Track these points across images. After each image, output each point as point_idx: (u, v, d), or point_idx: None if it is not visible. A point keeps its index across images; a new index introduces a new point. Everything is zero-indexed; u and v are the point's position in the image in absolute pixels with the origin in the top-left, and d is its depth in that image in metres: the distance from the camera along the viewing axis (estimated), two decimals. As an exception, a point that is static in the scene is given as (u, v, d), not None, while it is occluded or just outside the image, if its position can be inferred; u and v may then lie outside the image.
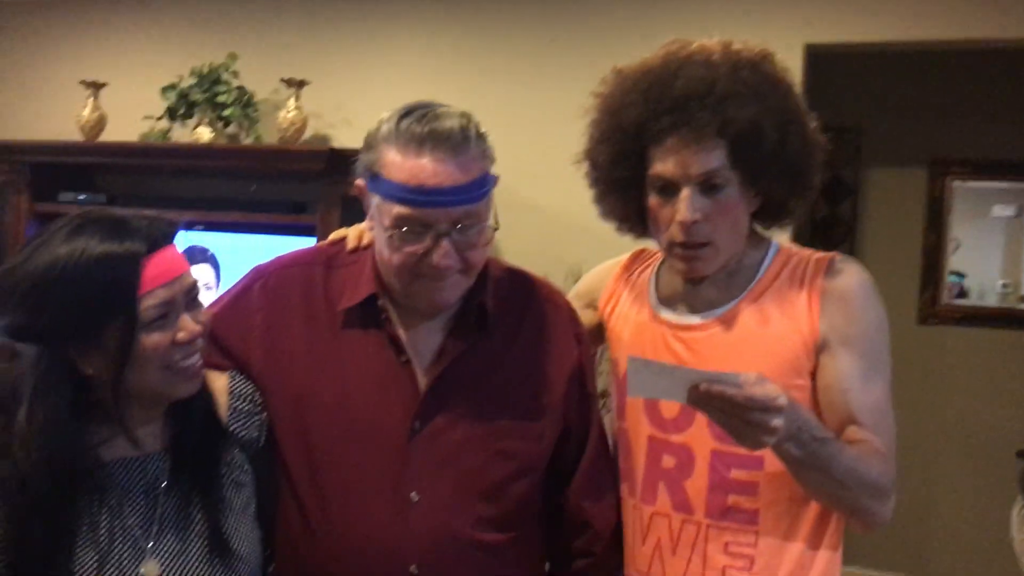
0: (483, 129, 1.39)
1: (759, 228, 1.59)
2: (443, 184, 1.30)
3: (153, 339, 1.21)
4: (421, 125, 1.31)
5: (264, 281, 1.51)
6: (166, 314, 1.23)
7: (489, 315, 1.46)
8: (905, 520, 4.26)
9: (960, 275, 4.53)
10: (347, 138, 4.00)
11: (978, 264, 4.55)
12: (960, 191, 4.47)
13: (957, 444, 4.40)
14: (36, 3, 4.69)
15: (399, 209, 1.31)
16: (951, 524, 4.42)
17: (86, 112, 4.24)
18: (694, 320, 1.51)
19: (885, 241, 4.54)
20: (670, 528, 1.49)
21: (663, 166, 1.44)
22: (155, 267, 1.21)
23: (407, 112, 1.35)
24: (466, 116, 1.36)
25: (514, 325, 1.49)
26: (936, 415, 4.41)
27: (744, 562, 1.44)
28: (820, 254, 1.52)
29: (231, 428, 1.39)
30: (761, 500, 1.44)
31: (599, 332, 1.72)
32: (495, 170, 1.41)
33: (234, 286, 1.54)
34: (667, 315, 1.55)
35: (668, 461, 1.49)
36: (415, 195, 1.30)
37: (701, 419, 1.44)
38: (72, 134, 4.30)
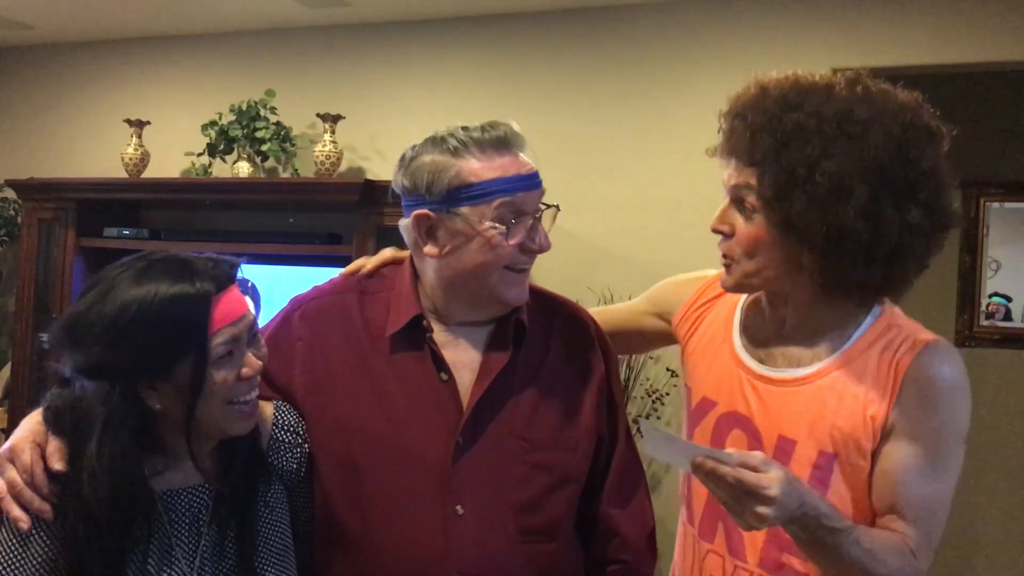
0: None
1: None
2: (530, 171, 1.46)
3: (221, 375, 1.26)
4: (489, 132, 1.45)
5: (303, 310, 1.55)
6: (232, 351, 1.27)
7: (526, 330, 1.50)
8: (947, 544, 4.20)
9: (1007, 298, 4.48)
10: (381, 170, 4.08)
11: (1020, 285, 4.49)
12: (996, 212, 4.43)
13: (998, 465, 4.33)
14: (81, 46, 4.85)
15: (503, 200, 1.41)
16: (994, 547, 4.34)
17: (130, 150, 4.36)
18: (774, 373, 1.47)
19: (920, 263, 4.49)
20: (723, 569, 1.49)
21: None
22: (224, 306, 1.26)
23: (451, 133, 1.45)
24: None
25: (544, 341, 1.54)
26: (975, 437, 4.34)
27: None
28: (922, 334, 1.42)
29: (271, 458, 1.42)
30: (811, 567, 1.41)
31: (664, 339, 1.73)
32: None
33: (274, 318, 1.59)
34: (748, 360, 1.51)
35: None
36: (517, 183, 1.43)
37: None
38: (117, 171, 4.43)
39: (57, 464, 1.21)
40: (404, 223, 1.48)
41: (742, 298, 1.59)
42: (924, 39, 3.45)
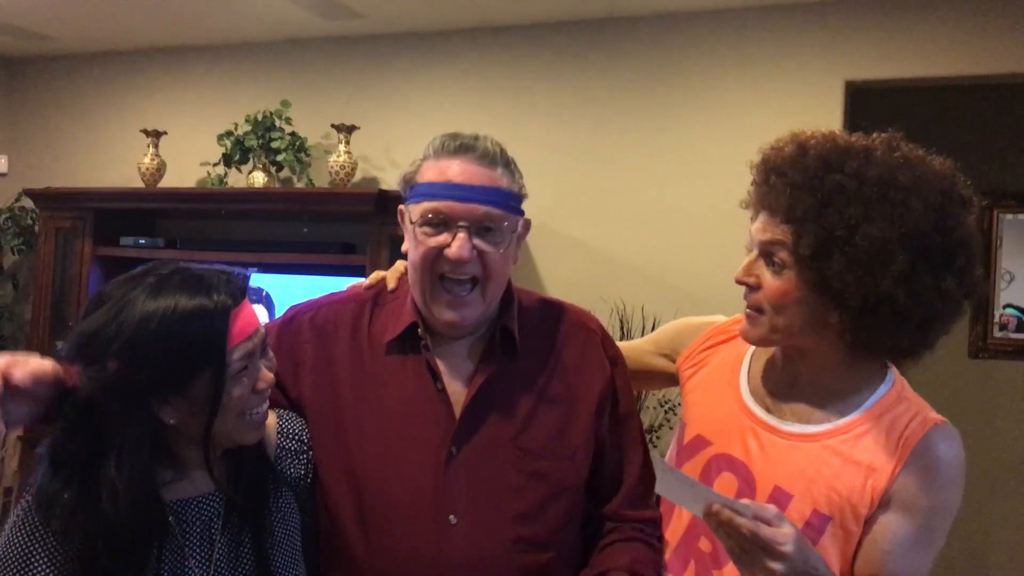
0: (522, 165, 1.51)
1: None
2: (469, 182, 1.43)
3: (238, 391, 1.27)
4: (455, 140, 1.47)
5: (313, 314, 1.57)
6: (247, 365, 1.28)
7: (515, 339, 1.51)
8: (960, 555, 4.18)
9: (1019, 309, 4.46)
10: (395, 180, 4.06)
11: (1035, 297, 4.48)
12: (1010, 224, 4.42)
13: (1010, 477, 4.30)
14: (99, 57, 4.90)
15: (427, 204, 1.43)
16: (1008, 561, 4.32)
17: (146, 160, 4.40)
18: (782, 426, 1.46)
19: (934, 275, 4.48)
20: None
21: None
22: (240, 321, 1.26)
23: (434, 138, 1.50)
24: (499, 144, 1.49)
25: (546, 350, 1.54)
26: (988, 449, 4.33)
27: None
28: (930, 413, 1.43)
29: (279, 467, 1.43)
30: None
31: (665, 380, 1.73)
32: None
33: (280, 317, 1.60)
34: (755, 408, 1.50)
35: (705, 544, 1.48)
36: (443, 190, 1.43)
37: None
38: (133, 181, 4.47)
39: (44, 366, 1.21)
40: None
41: (752, 347, 1.58)
42: (938, 51, 3.45)
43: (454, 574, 1.40)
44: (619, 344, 1.75)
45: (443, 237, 1.42)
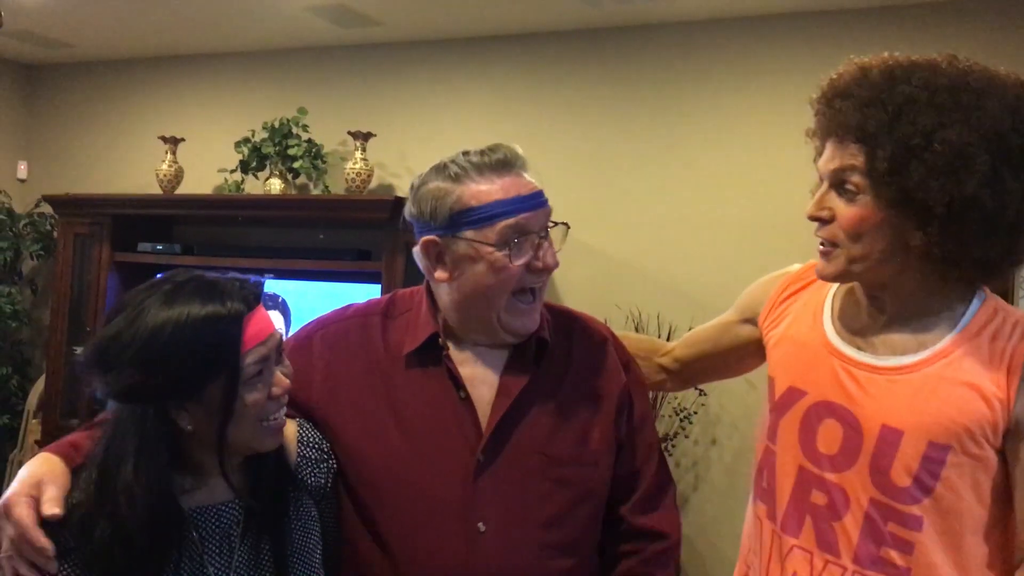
0: (538, 173, 1.51)
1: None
2: (532, 191, 1.45)
3: (253, 395, 1.27)
4: (489, 155, 1.45)
5: (324, 332, 1.57)
6: (262, 371, 1.28)
7: (548, 347, 1.51)
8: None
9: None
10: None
11: (1052, 307, 4.44)
12: (1029, 233, 4.39)
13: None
14: (117, 64, 4.94)
15: (506, 222, 1.41)
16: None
17: (164, 166, 4.43)
18: (877, 361, 1.40)
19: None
20: (811, 565, 1.42)
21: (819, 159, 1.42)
22: (253, 326, 1.27)
23: (453, 159, 1.47)
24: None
25: (563, 356, 1.54)
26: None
27: None
28: None
29: (300, 475, 1.43)
30: (915, 560, 1.35)
31: (756, 352, 1.65)
32: (555, 216, 1.50)
33: (293, 336, 1.61)
34: (845, 349, 1.44)
35: (819, 497, 1.42)
36: (519, 204, 1.42)
37: (863, 464, 1.37)
38: (151, 187, 4.50)
39: (53, 509, 1.19)
40: (416, 249, 1.50)
41: (833, 286, 1.52)
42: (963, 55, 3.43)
43: None
44: (701, 326, 1.74)
45: (527, 253, 1.43)
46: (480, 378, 1.49)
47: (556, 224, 1.48)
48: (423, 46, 4.26)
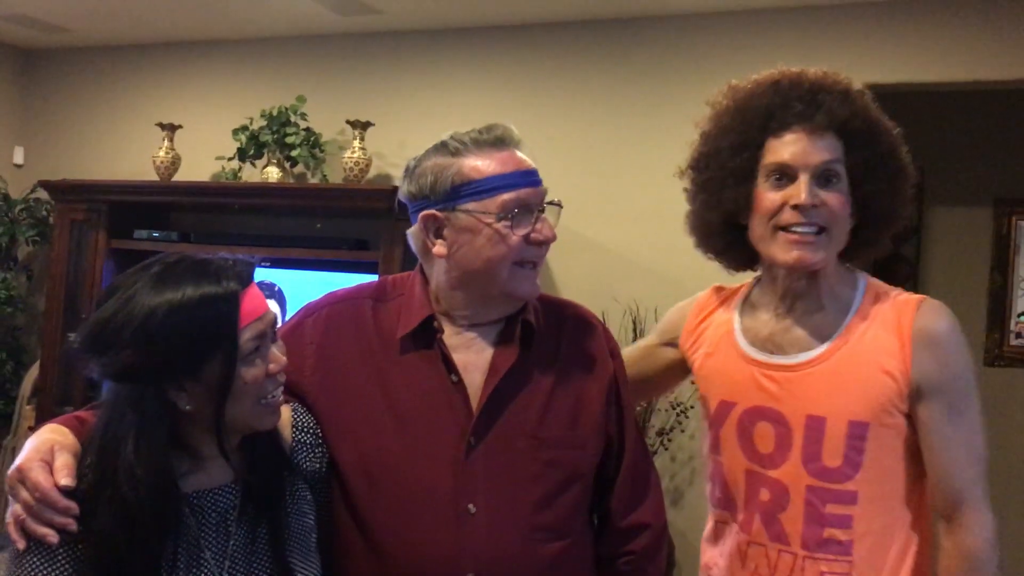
0: (536, 164, 1.53)
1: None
2: (530, 167, 1.49)
3: (251, 372, 1.28)
4: (487, 133, 1.49)
5: (316, 316, 1.58)
6: (259, 347, 1.29)
7: (535, 331, 1.53)
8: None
9: (1035, 317, 4.42)
10: (409, 178, 4.09)
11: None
12: (1028, 231, 4.39)
13: (1027, 489, 4.27)
14: (115, 50, 4.91)
15: (507, 195, 1.44)
16: (1021, 569, 4.28)
17: (161, 153, 4.41)
18: (787, 360, 1.55)
19: (950, 281, 4.45)
20: (767, 557, 1.55)
21: (783, 154, 1.51)
22: (248, 303, 1.27)
23: (451, 136, 1.50)
24: None
25: (553, 342, 1.56)
26: (1003, 457, 4.29)
27: None
28: (908, 295, 1.55)
29: (295, 460, 1.44)
30: (855, 532, 1.49)
31: (680, 370, 1.77)
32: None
33: (285, 323, 1.61)
34: (757, 354, 1.58)
35: (764, 494, 1.55)
36: (519, 179, 1.46)
37: (795, 456, 1.51)
38: (148, 174, 4.48)
39: (65, 479, 1.19)
40: (412, 230, 1.52)
41: (736, 302, 1.68)
42: (955, 55, 3.43)
43: (474, 562, 1.42)
44: (627, 348, 1.78)
45: (526, 225, 1.45)
46: (473, 364, 1.50)
47: (551, 203, 1.51)
48: (423, 35, 4.24)
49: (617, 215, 3.81)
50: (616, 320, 3.28)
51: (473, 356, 1.51)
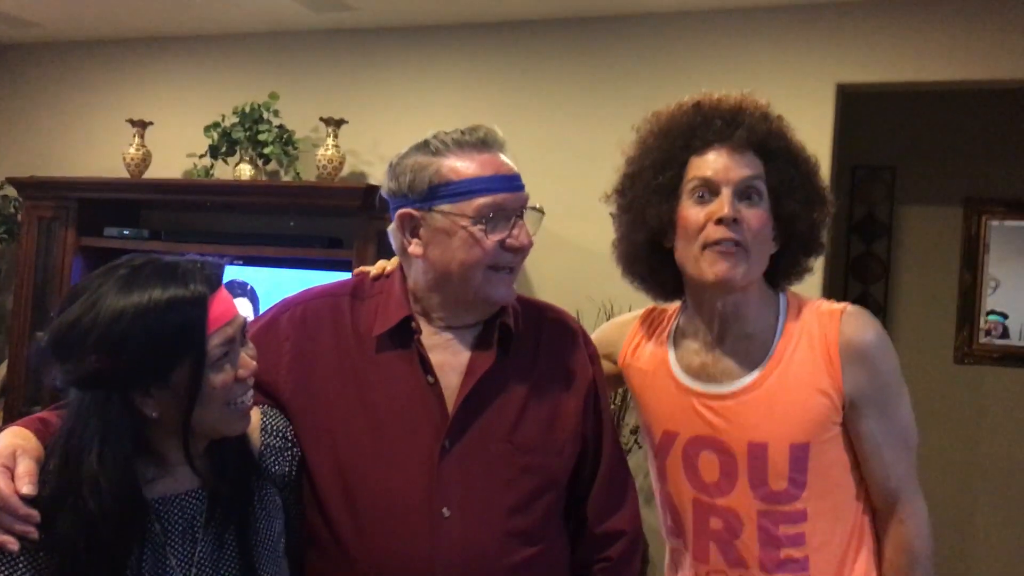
0: (517, 164, 1.52)
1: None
2: (511, 172, 1.47)
3: (219, 377, 1.25)
4: (470, 134, 1.47)
5: (291, 312, 1.56)
6: (227, 352, 1.26)
7: (513, 334, 1.52)
8: (942, 561, 4.19)
9: (1003, 315, 4.48)
10: (383, 175, 4.06)
11: (1020, 304, 4.50)
12: (997, 230, 4.43)
13: (995, 485, 4.32)
14: (86, 45, 4.85)
15: (483, 199, 1.42)
16: (988, 566, 4.33)
17: (132, 150, 4.36)
18: (722, 389, 1.56)
19: (921, 280, 4.50)
20: None
21: (706, 170, 1.53)
22: (217, 307, 1.25)
23: (434, 135, 1.48)
24: None
25: (532, 346, 1.55)
26: (973, 455, 4.34)
27: None
28: (829, 306, 1.58)
29: (264, 464, 1.42)
30: (809, 547, 1.52)
31: (614, 381, 1.77)
32: (529, 205, 1.51)
33: (259, 318, 1.60)
34: (693, 384, 1.59)
35: (716, 523, 1.56)
36: (497, 183, 1.44)
37: (742, 483, 1.53)
38: (118, 171, 4.43)
39: (26, 487, 1.16)
40: (391, 227, 1.51)
41: (670, 329, 1.68)
42: (929, 55, 3.45)
43: (447, 566, 1.40)
44: None
45: (502, 230, 1.43)
46: (449, 365, 1.48)
47: (533, 209, 1.50)
48: (397, 32, 4.22)
49: (592, 214, 3.78)
50: (590, 319, 3.28)
51: (450, 357, 1.49)
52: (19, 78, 5.01)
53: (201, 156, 4.30)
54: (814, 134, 3.51)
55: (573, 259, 3.79)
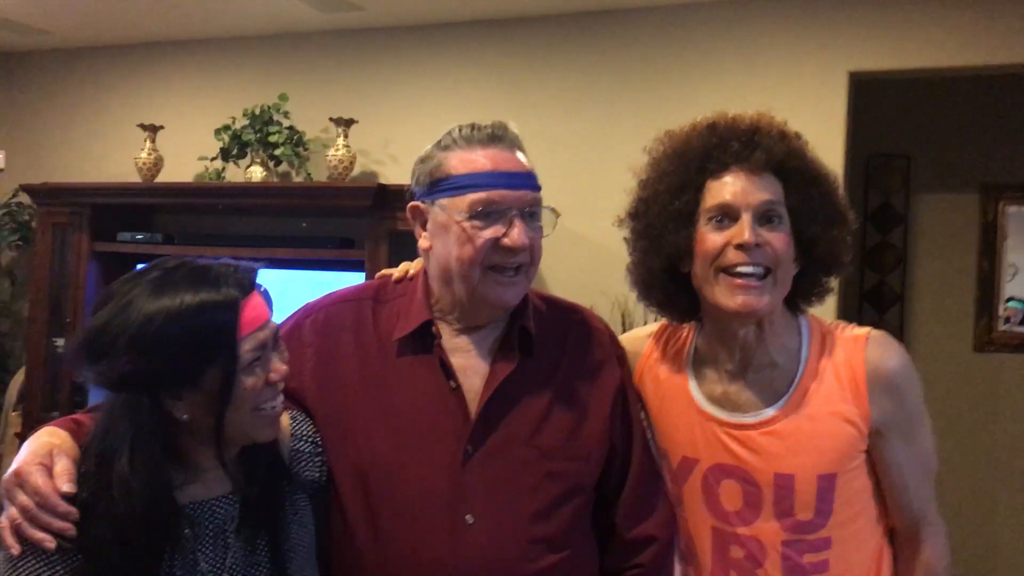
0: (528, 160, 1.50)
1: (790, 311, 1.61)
2: (515, 169, 1.43)
3: (250, 381, 1.25)
4: (479, 130, 1.45)
5: (314, 317, 1.55)
6: (259, 357, 1.26)
7: (533, 338, 1.49)
8: (963, 550, 4.15)
9: (1022, 302, 4.43)
10: (394, 175, 4.07)
11: (1040, 290, 4.45)
12: (1015, 216, 4.38)
13: (1014, 473, 4.28)
14: (96, 51, 4.86)
15: (476, 195, 1.40)
16: (1013, 554, 4.29)
17: (143, 154, 4.37)
18: (746, 419, 1.52)
19: (938, 268, 4.46)
20: None
21: (724, 194, 1.48)
22: (249, 312, 1.25)
23: (449, 130, 1.47)
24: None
25: (557, 349, 1.53)
26: (992, 443, 4.30)
27: None
28: (852, 331, 1.55)
29: (294, 469, 1.41)
30: (832, 573, 1.50)
31: None
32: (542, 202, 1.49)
33: (283, 323, 1.58)
34: (715, 411, 1.55)
35: (736, 552, 1.52)
36: (493, 179, 1.41)
37: (767, 512, 1.49)
38: (130, 176, 4.44)
39: (66, 485, 1.17)
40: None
41: (688, 352, 1.62)
42: (942, 42, 3.42)
43: (469, 574, 1.38)
44: None
45: (497, 228, 1.40)
46: (472, 368, 1.47)
47: (547, 208, 1.47)
48: (406, 31, 4.21)
49: (605, 209, 3.76)
50: (605, 314, 3.24)
51: (472, 360, 1.48)
52: (30, 86, 5.04)
53: (212, 159, 4.30)
54: (828, 123, 3.50)
55: (586, 255, 3.77)
